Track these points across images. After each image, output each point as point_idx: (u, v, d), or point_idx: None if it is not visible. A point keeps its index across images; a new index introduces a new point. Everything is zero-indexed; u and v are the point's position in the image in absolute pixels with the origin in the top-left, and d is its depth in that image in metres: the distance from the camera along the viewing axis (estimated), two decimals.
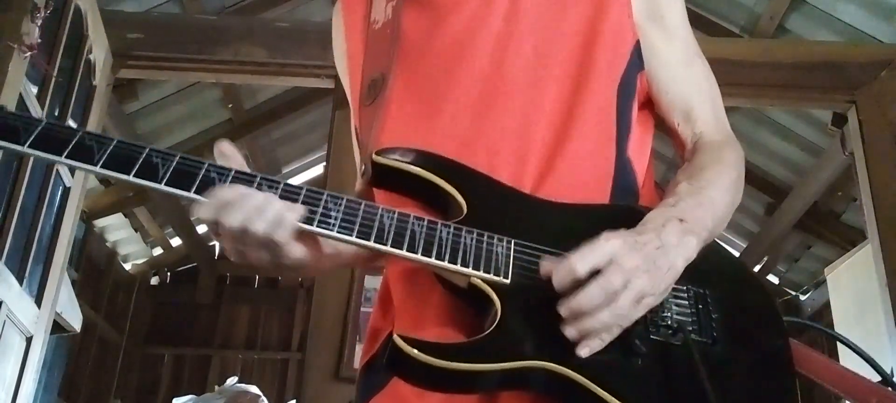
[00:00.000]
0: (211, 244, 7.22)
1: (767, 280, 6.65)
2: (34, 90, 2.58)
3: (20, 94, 2.47)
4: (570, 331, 0.80)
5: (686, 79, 1.08)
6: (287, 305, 7.12)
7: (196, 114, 5.11)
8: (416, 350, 0.77)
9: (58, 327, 3.50)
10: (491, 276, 0.84)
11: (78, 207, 3.06)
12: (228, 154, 0.86)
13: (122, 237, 6.33)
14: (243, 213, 0.80)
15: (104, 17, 3.06)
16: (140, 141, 0.82)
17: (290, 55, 3.39)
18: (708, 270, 0.91)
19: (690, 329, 0.87)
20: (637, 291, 0.81)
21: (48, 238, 2.80)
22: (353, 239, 0.83)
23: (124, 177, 0.81)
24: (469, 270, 0.84)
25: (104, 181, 5.47)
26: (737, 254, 6.28)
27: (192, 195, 0.82)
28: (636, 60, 1.05)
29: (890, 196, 3.12)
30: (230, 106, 5.13)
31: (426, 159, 0.91)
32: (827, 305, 4.79)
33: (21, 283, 2.54)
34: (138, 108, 4.66)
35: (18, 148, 0.80)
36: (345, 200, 0.85)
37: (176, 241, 6.78)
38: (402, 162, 0.91)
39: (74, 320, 3.83)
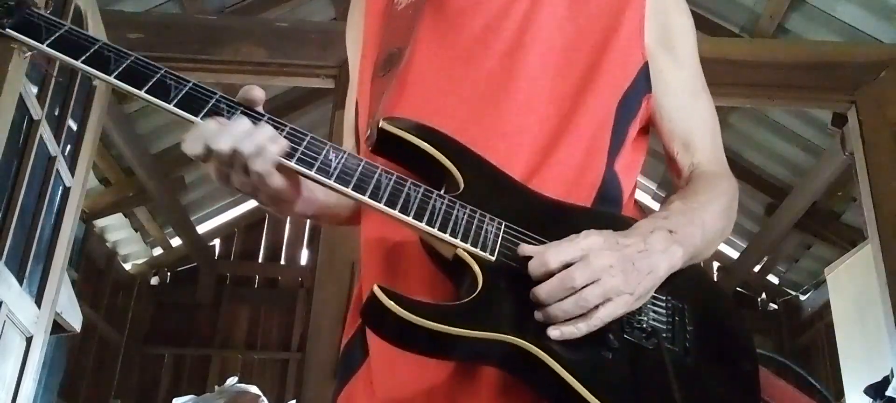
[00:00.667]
0: (211, 244, 7.22)
1: (768, 280, 6.66)
2: (34, 90, 2.58)
3: (20, 95, 2.47)
4: (537, 314, 0.84)
5: (690, 110, 1.10)
6: (287, 305, 7.11)
7: None
8: (393, 303, 0.79)
9: (58, 327, 3.49)
10: (476, 250, 0.86)
11: (78, 207, 3.06)
12: (252, 96, 0.89)
13: (122, 237, 6.32)
14: (232, 137, 0.83)
15: (104, 17, 3.06)
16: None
17: (290, 55, 3.39)
18: (690, 288, 0.94)
19: (664, 336, 0.89)
20: (607, 288, 0.83)
21: (48, 238, 2.80)
22: (349, 190, 0.86)
23: (136, 91, 0.85)
24: (457, 240, 0.86)
25: (104, 181, 5.47)
26: (737, 255, 6.28)
27: (196, 119, 0.85)
28: (643, 82, 1.08)
29: (890, 196, 3.11)
30: None
31: (431, 134, 0.94)
32: (827, 305, 4.79)
33: (21, 283, 2.54)
34: (138, 108, 4.66)
35: (38, 45, 0.85)
36: (346, 154, 0.88)
37: (176, 241, 6.78)
38: (408, 132, 0.93)
39: (74, 320, 3.82)
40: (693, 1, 1.15)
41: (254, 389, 4.08)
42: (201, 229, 6.81)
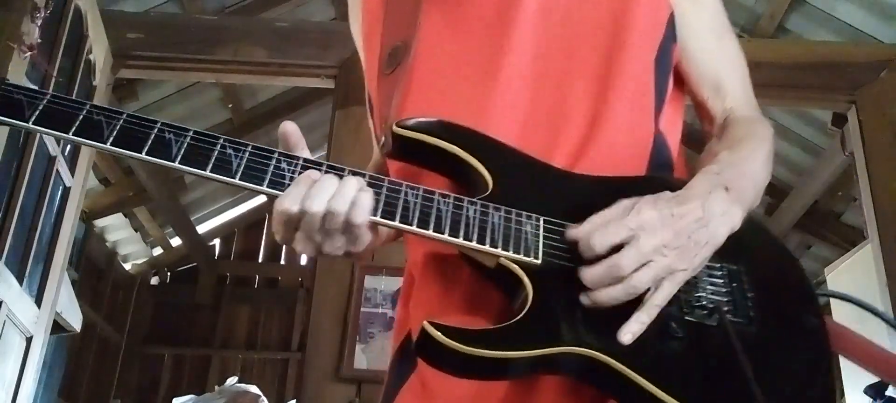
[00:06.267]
0: (211, 244, 7.22)
1: None
2: None
3: None
4: (582, 298, 0.79)
5: (717, 52, 1.05)
6: (287, 305, 7.11)
7: (196, 114, 5.11)
8: (445, 337, 0.75)
9: (58, 327, 3.49)
10: (521, 256, 0.81)
11: (78, 207, 3.06)
12: (292, 136, 0.85)
13: (122, 237, 6.33)
14: (325, 196, 0.78)
15: (104, 17, 3.06)
16: None
17: (290, 55, 3.39)
18: (742, 245, 0.87)
19: (726, 309, 0.84)
20: (660, 269, 0.78)
21: (48, 238, 2.80)
22: (378, 219, 0.80)
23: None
24: (498, 250, 0.80)
25: (104, 181, 5.47)
26: None
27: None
28: (671, 32, 1.02)
29: (890, 196, 3.12)
30: (230, 106, 5.13)
31: (449, 130, 0.87)
32: (827, 305, 4.79)
33: (21, 283, 2.54)
34: (138, 108, 4.66)
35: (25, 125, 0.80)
36: (367, 177, 0.81)
37: (176, 241, 6.78)
38: (425, 133, 0.86)
39: (74, 320, 3.83)
40: None
41: (254, 389, 4.09)
42: (201, 229, 6.81)
